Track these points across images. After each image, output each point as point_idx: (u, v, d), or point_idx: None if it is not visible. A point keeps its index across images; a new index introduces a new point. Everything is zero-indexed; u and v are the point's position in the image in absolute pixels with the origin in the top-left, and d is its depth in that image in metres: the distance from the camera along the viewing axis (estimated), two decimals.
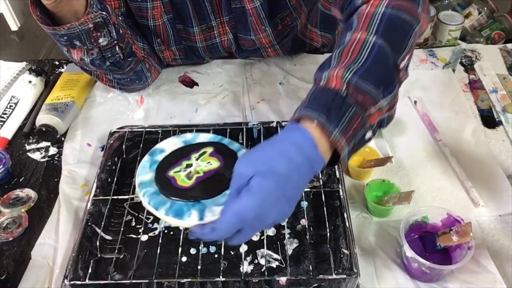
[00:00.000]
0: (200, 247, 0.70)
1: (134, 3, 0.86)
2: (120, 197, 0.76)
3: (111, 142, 0.82)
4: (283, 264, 0.68)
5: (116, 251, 0.70)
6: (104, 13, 0.76)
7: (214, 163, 0.69)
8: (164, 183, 0.68)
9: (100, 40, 0.78)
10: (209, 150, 0.72)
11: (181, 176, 0.69)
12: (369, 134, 0.60)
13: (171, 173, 0.70)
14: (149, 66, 0.95)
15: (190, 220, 0.62)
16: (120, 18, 0.85)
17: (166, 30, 0.92)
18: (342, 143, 0.55)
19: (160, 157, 0.73)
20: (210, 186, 0.66)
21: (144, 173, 0.71)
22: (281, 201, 0.54)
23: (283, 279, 0.64)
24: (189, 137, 0.76)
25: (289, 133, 0.56)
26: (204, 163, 0.70)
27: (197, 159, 0.71)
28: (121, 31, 0.82)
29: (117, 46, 0.81)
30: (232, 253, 0.70)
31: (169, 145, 0.75)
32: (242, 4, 0.87)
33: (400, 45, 0.62)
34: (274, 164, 0.54)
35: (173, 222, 0.65)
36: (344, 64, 0.59)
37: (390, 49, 0.60)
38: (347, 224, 0.68)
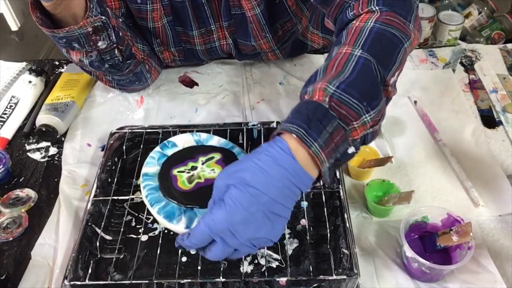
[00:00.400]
0: None
1: (134, 4, 0.86)
2: (120, 197, 0.76)
3: (111, 142, 0.82)
4: (283, 264, 0.68)
5: (116, 251, 0.70)
6: (103, 17, 0.76)
7: (218, 172, 0.70)
8: (165, 181, 0.69)
9: (99, 44, 0.78)
10: (217, 156, 0.72)
11: (183, 177, 0.70)
12: (351, 149, 0.57)
13: (175, 171, 0.71)
14: (149, 67, 0.95)
15: (177, 226, 0.63)
16: (120, 19, 0.85)
17: (166, 32, 0.92)
18: (322, 157, 0.53)
19: (170, 152, 0.74)
20: (207, 195, 0.66)
21: (152, 164, 0.72)
22: (257, 215, 0.52)
23: (283, 280, 0.64)
24: (203, 137, 0.76)
25: (268, 146, 0.54)
26: (208, 170, 0.70)
27: (203, 163, 0.71)
28: (120, 34, 0.81)
29: (116, 49, 0.81)
30: None
31: (182, 141, 0.76)
32: (242, 11, 0.87)
33: (389, 60, 0.61)
34: (248, 176, 0.52)
35: (162, 222, 0.65)
36: (328, 78, 0.57)
37: (377, 63, 0.59)
38: (347, 224, 0.68)
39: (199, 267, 0.65)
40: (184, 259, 0.69)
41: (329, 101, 0.55)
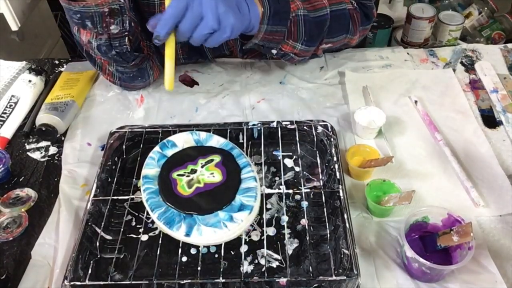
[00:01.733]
0: (200, 247, 0.70)
1: None
2: (120, 197, 0.75)
3: (111, 142, 0.82)
4: (283, 264, 0.68)
5: (116, 251, 0.70)
6: (122, 1, 0.77)
7: (217, 176, 0.70)
8: (165, 185, 0.69)
9: (112, 27, 0.78)
10: (217, 159, 0.72)
11: (182, 181, 0.70)
12: (274, 51, 0.86)
13: (175, 175, 0.71)
14: (152, 64, 0.95)
15: (177, 232, 0.64)
16: (132, 12, 0.86)
17: None
18: (260, 36, 0.79)
19: (170, 152, 0.74)
20: (206, 201, 0.67)
21: (151, 166, 0.72)
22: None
23: (283, 280, 0.64)
24: (202, 136, 0.77)
25: None
26: (208, 173, 0.71)
27: (202, 166, 0.72)
28: (132, 24, 0.82)
29: (126, 38, 0.82)
30: (233, 253, 0.69)
31: (181, 140, 0.76)
32: None
33: (336, 32, 0.89)
34: None
35: (162, 228, 0.66)
36: (304, 5, 0.83)
37: (328, 28, 0.86)
38: (347, 224, 0.67)
39: (199, 268, 0.65)
40: (184, 259, 0.69)
41: (293, 17, 0.82)
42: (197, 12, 0.69)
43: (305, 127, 0.83)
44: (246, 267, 0.68)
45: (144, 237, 0.72)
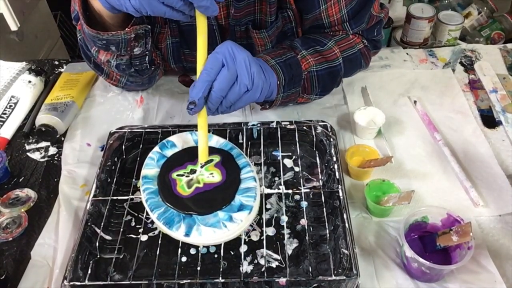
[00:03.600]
0: (199, 248, 0.70)
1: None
2: (119, 197, 0.76)
3: (111, 142, 0.82)
4: (283, 264, 0.68)
5: (116, 251, 0.70)
6: (149, 26, 0.77)
7: (216, 177, 0.70)
8: (165, 186, 0.69)
9: (135, 50, 0.78)
10: (216, 159, 0.72)
11: (182, 181, 0.70)
12: (290, 104, 0.89)
13: (174, 175, 0.71)
14: (159, 71, 0.95)
15: (177, 232, 0.64)
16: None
17: (167, 51, 0.92)
18: (278, 103, 0.82)
19: (169, 152, 0.74)
20: (206, 202, 0.67)
21: (151, 166, 0.72)
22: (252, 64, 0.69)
23: (282, 280, 0.64)
24: None
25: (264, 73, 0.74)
26: (207, 173, 0.71)
27: (202, 166, 0.72)
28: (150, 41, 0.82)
29: (147, 57, 0.82)
30: (232, 253, 0.70)
31: (181, 141, 0.76)
32: (251, 42, 0.89)
33: (351, 71, 0.91)
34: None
35: (162, 228, 0.66)
36: (316, 60, 0.83)
37: (342, 75, 0.88)
38: (347, 224, 0.67)
39: (198, 268, 0.65)
40: (183, 259, 0.69)
41: (306, 75, 0.82)
42: (233, 70, 0.67)
43: (304, 127, 0.83)
44: (246, 267, 0.68)
45: (144, 237, 0.72)
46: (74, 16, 0.84)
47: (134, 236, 0.72)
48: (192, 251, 0.70)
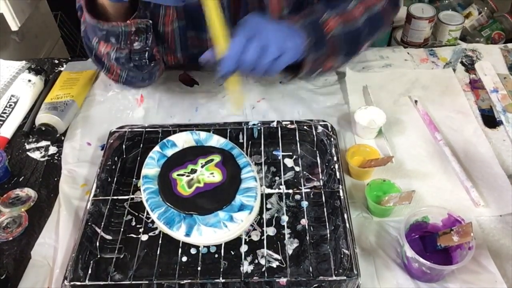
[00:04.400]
0: (200, 247, 0.70)
1: (147, 7, 0.86)
2: (120, 197, 0.75)
3: (111, 141, 0.82)
4: (283, 264, 0.68)
5: (116, 251, 0.70)
6: (150, 21, 0.77)
7: (217, 176, 0.70)
8: (165, 185, 0.69)
9: (135, 44, 0.78)
10: (217, 159, 0.72)
11: (182, 181, 0.70)
12: (316, 72, 0.84)
13: (174, 175, 0.71)
14: (159, 66, 0.94)
15: (177, 232, 0.64)
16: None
17: (174, 36, 0.91)
18: (309, 65, 0.79)
19: (169, 152, 0.74)
20: (206, 202, 0.67)
21: (151, 166, 0.72)
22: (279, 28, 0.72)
23: (283, 280, 0.64)
24: (202, 136, 0.77)
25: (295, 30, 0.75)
26: (208, 173, 0.71)
27: (202, 166, 0.72)
28: (151, 37, 0.82)
29: (147, 53, 0.82)
30: (233, 253, 0.69)
31: (181, 140, 0.76)
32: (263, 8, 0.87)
33: (373, 33, 0.87)
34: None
35: (162, 228, 0.66)
36: (340, 20, 0.80)
37: (365, 35, 0.85)
38: (347, 224, 0.67)
39: (199, 268, 0.65)
40: (184, 259, 0.69)
41: (329, 38, 0.79)
42: (260, 42, 0.68)
43: (305, 127, 0.83)
44: (246, 267, 0.68)
45: (144, 237, 0.72)
46: (78, 6, 0.84)
47: (134, 236, 0.72)
48: (193, 251, 0.70)
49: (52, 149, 0.89)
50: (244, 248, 0.69)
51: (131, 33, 0.76)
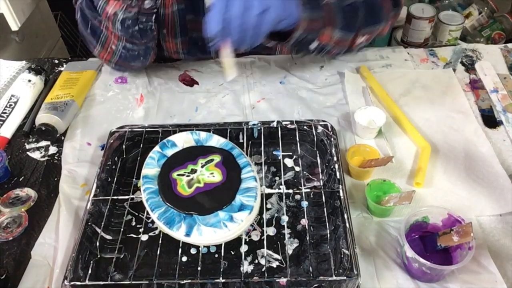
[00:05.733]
0: (200, 247, 0.70)
1: None
2: (120, 197, 0.75)
3: (111, 141, 0.82)
4: (283, 264, 0.68)
5: (116, 251, 0.70)
6: None
7: (217, 176, 0.70)
8: (165, 185, 0.69)
9: (146, 2, 0.79)
10: (217, 159, 0.72)
11: (182, 181, 0.70)
12: (313, 45, 0.84)
13: (174, 175, 0.71)
14: (153, 45, 0.94)
15: (177, 232, 0.64)
16: None
17: (174, 20, 0.91)
18: (304, 25, 0.78)
19: (170, 152, 0.74)
20: (206, 202, 0.67)
21: (151, 166, 0.72)
22: None
23: (283, 280, 0.64)
24: (202, 136, 0.77)
25: None
26: (208, 173, 0.71)
27: (202, 166, 0.72)
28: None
29: (153, 15, 0.82)
30: (233, 253, 0.69)
31: (181, 140, 0.76)
32: None
33: (373, 23, 0.88)
34: None
35: (162, 228, 0.66)
36: None
37: (364, 17, 0.85)
38: (347, 224, 0.67)
39: (199, 268, 0.65)
40: (184, 258, 0.69)
41: (326, 4, 0.80)
42: None
43: (305, 127, 0.83)
44: (246, 267, 0.68)
45: (144, 237, 0.72)
46: None
47: (134, 236, 0.72)
48: (193, 251, 0.70)
49: (52, 149, 0.89)
50: (244, 248, 0.69)
51: None
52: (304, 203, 0.75)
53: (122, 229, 0.71)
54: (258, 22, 0.71)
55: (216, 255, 0.69)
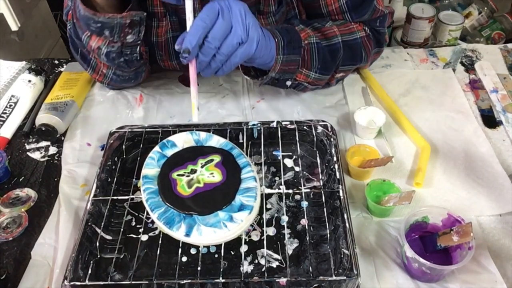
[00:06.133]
0: (200, 247, 0.70)
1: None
2: (120, 197, 0.75)
3: (111, 142, 0.82)
4: (283, 264, 0.68)
5: (116, 251, 0.70)
6: (145, 13, 0.77)
7: (217, 176, 0.70)
8: (165, 186, 0.69)
9: (128, 37, 0.78)
10: (217, 159, 0.72)
11: (182, 181, 0.70)
12: (289, 82, 0.85)
13: (174, 175, 0.71)
14: (145, 66, 0.95)
15: (177, 232, 0.64)
16: None
17: (168, 46, 0.91)
18: (278, 67, 0.79)
19: (169, 152, 0.74)
20: (206, 202, 0.67)
21: (151, 166, 0.72)
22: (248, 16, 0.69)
23: (283, 280, 0.64)
24: (202, 136, 0.77)
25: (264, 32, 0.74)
26: (208, 173, 0.71)
27: (202, 166, 0.72)
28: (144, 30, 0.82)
29: (138, 47, 0.82)
30: (233, 253, 0.69)
31: (181, 140, 0.76)
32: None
33: (350, 61, 0.89)
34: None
35: (162, 228, 0.66)
36: (316, 33, 0.83)
37: (342, 57, 0.86)
38: (347, 224, 0.67)
39: (199, 268, 0.65)
40: (184, 259, 0.69)
41: (306, 45, 0.81)
42: (228, 20, 0.67)
43: (305, 127, 0.83)
44: (246, 267, 0.68)
45: (144, 237, 0.72)
46: (65, 10, 0.84)
47: (134, 236, 0.72)
48: (193, 251, 0.70)
49: (52, 150, 0.89)
50: (244, 248, 0.69)
51: (126, 26, 0.76)
52: (304, 203, 0.75)
53: (122, 229, 0.71)
54: (235, 51, 0.69)
55: (216, 255, 0.69)
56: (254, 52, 0.71)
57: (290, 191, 0.75)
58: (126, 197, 0.75)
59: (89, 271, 0.66)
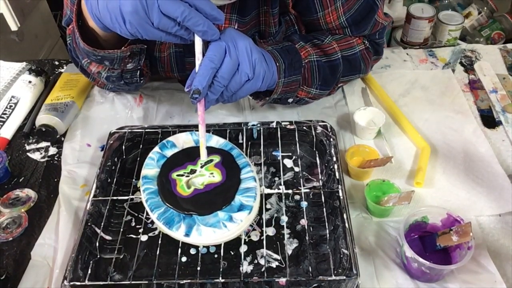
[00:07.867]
0: (199, 248, 0.70)
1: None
2: (119, 197, 0.76)
3: (111, 142, 0.82)
4: (283, 264, 0.68)
5: (116, 251, 0.70)
6: (145, 46, 0.77)
7: (217, 177, 0.70)
8: (164, 186, 0.69)
9: (128, 65, 0.78)
10: (216, 159, 0.72)
11: (182, 181, 0.70)
12: (290, 99, 0.85)
13: (174, 175, 0.71)
14: (143, 82, 0.94)
15: (177, 233, 0.64)
16: None
17: (171, 61, 0.90)
18: (279, 90, 0.79)
19: (169, 152, 0.74)
20: (205, 202, 0.67)
21: (151, 166, 0.72)
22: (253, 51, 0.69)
23: (282, 280, 0.64)
24: None
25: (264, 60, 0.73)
26: (207, 173, 0.71)
27: (202, 166, 0.72)
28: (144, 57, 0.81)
29: (138, 71, 0.82)
30: (232, 253, 0.70)
31: (181, 141, 0.76)
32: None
33: (349, 74, 0.89)
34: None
35: (162, 228, 0.66)
36: (316, 50, 0.83)
37: (342, 71, 0.86)
38: (347, 224, 0.67)
39: (198, 268, 0.65)
40: (184, 259, 0.69)
41: (306, 63, 0.81)
42: (234, 58, 0.66)
43: (304, 128, 0.83)
44: (246, 267, 0.68)
45: (144, 237, 0.72)
46: (65, 20, 0.84)
47: (134, 236, 0.72)
48: (192, 251, 0.70)
49: (52, 150, 0.89)
50: (243, 248, 0.69)
51: (126, 57, 0.75)
52: (304, 203, 0.75)
53: (121, 230, 0.71)
54: (242, 88, 0.70)
55: (216, 255, 0.69)
56: (259, 87, 0.73)
57: (290, 191, 0.75)
58: (126, 198, 0.75)
59: (89, 271, 0.66)
